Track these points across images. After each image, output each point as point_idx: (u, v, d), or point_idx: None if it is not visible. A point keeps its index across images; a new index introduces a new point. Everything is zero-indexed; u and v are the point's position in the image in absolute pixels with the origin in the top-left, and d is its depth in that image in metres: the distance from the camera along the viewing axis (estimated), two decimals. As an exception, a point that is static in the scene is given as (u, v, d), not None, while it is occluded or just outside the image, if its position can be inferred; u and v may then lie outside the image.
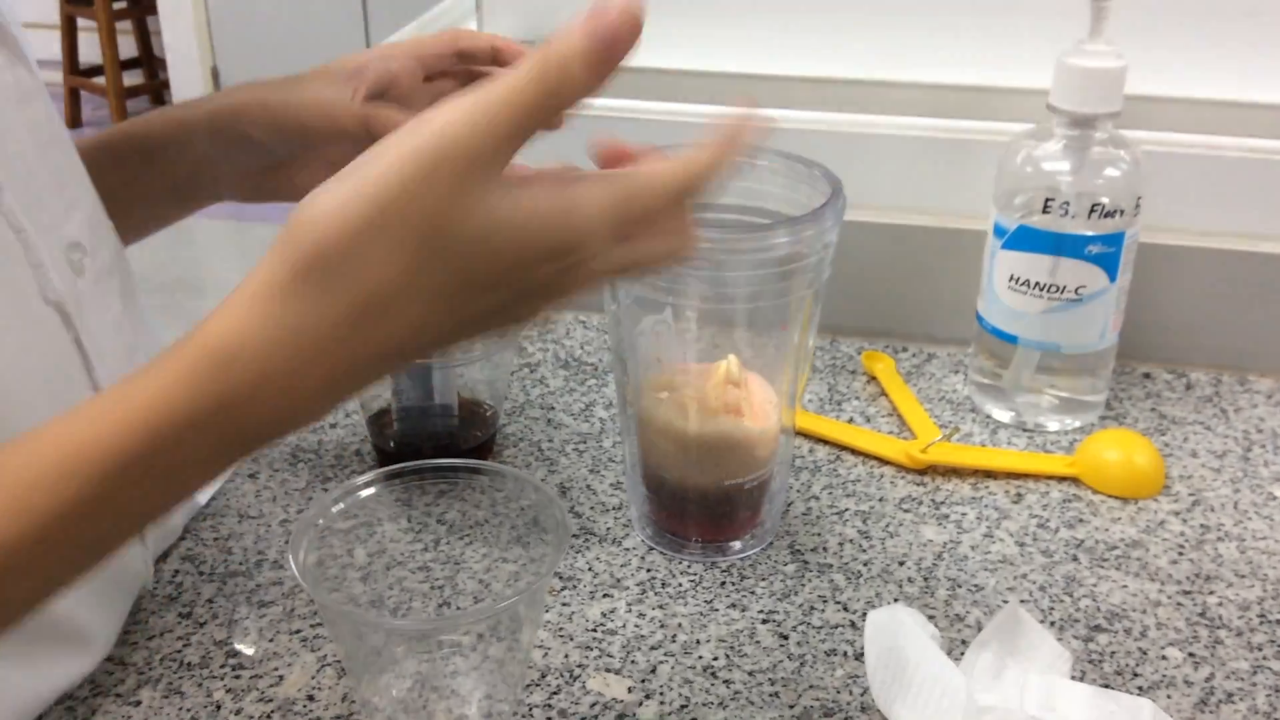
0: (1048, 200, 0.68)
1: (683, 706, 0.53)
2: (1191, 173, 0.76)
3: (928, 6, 0.81)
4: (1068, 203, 0.68)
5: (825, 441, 0.72)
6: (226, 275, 3.31)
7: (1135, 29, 0.69)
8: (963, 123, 0.78)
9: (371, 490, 0.53)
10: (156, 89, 4.23)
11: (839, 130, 0.79)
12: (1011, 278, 0.70)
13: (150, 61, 4.16)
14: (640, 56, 0.91)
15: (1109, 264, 0.69)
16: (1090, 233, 0.68)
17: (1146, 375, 0.79)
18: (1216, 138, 0.75)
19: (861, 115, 0.79)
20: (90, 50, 3.91)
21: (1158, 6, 0.77)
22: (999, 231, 0.71)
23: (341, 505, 0.52)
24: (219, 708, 0.53)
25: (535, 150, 0.41)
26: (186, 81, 3.96)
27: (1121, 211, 0.68)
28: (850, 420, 0.74)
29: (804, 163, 0.60)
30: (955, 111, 0.78)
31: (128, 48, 4.03)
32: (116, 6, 3.92)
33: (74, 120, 4.12)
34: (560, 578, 0.61)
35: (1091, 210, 0.68)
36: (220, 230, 3.65)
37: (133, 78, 4.13)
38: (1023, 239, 0.69)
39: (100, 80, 3.93)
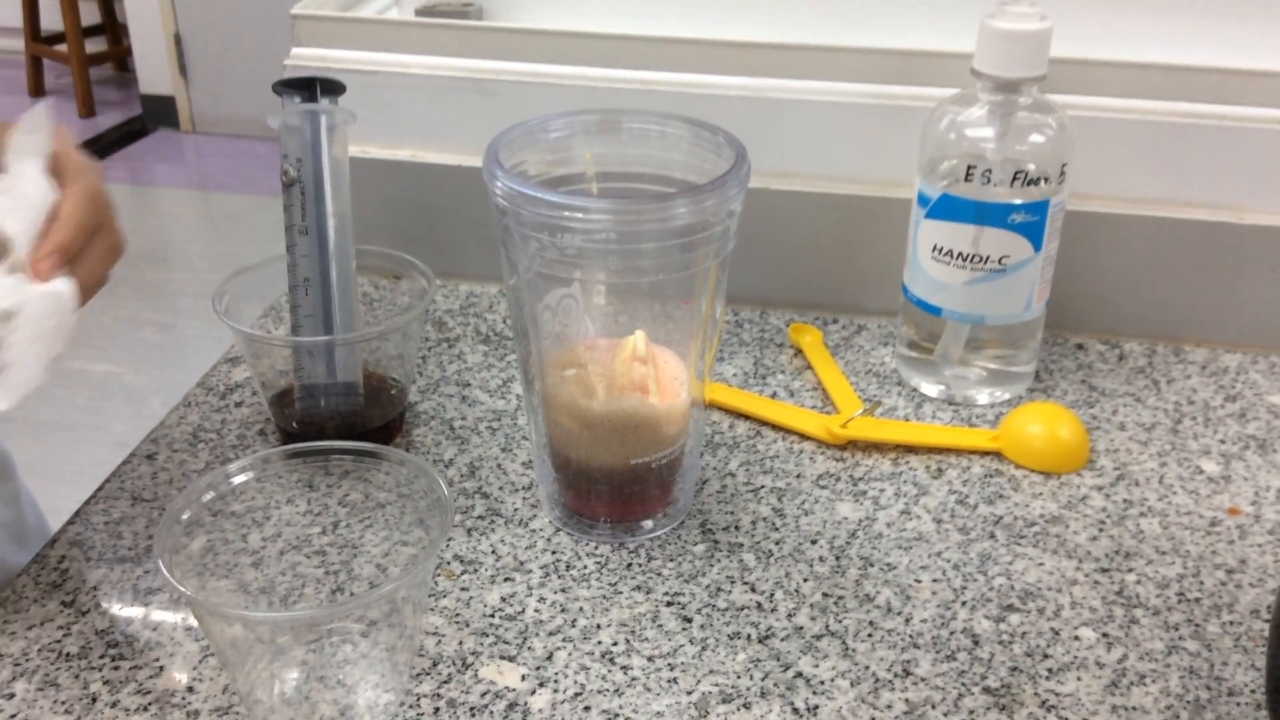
0: (970, 167, 0.66)
1: (576, 695, 0.51)
2: (1120, 138, 0.74)
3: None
4: (991, 170, 0.66)
5: (746, 417, 0.70)
6: (190, 245, 3.27)
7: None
8: (890, 88, 0.76)
9: (244, 477, 0.51)
10: (120, 56, 4.17)
11: (765, 96, 0.77)
12: (935, 248, 0.69)
13: (113, 28, 4.10)
14: (564, 21, 0.89)
15: (1034, 233, 0.67)
16: (1014, 201, 0.66)
17: (1079, 346, 0.78)
18: (1145, 102, 0.73)
19: (788, 80, 0.77)
20: (52, 17, 3.84)
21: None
22: (922, 200, 0.69)
23: (212, 494, 0.50)
24: (94, 700, 0.51)
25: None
26: (149, 49, 3.89)
27: (1046, 179, 0.66)
28: (774, 395, 0.73)
29: (708, 129, 0.58)
30: (883, 77, 0.76)
31: (90, 14, 3.96)
32: (77, -28, 3.86)
33: (37, 89, 4.06)
34: (462, 561, 0.59)
35: (1015, 178, 0.66)
36: (183, 199, 3.61)
37: (95, 45, 4.07)
38: (946, 208, 0.67)
39: (62, 48, 3.87)
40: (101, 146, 3.83)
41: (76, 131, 3.88)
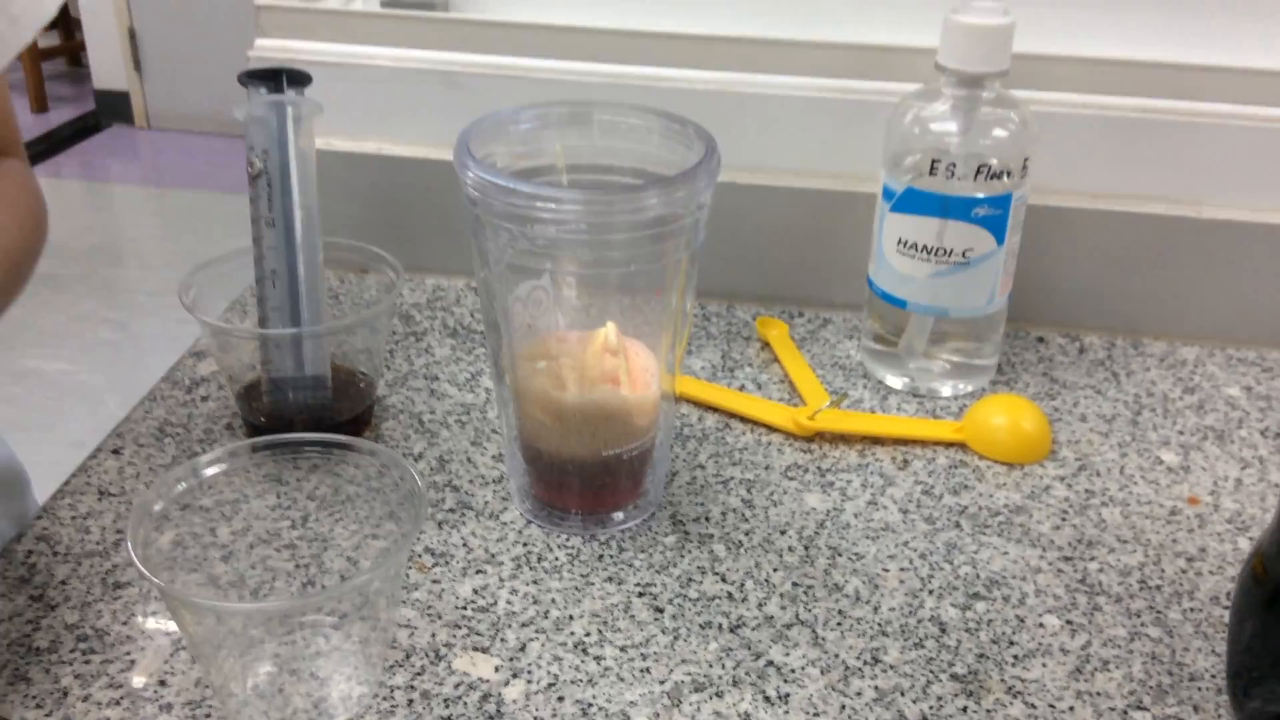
0: (935, 162, 0.67)
1: (550, 685, 0.51)
2: (1081, 133, 0.75)
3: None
4: (955, 164, 0.67)
5: (714, 409, 0.71)
6: (145, 242, 3.23)
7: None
8: (855, 83, 0.76)
9: (215, 469, 0.51)
10: (73, 51, 4.12)
11: (731, 90, 0.77)
12: (900, 241, 0.69)
13: (66, 23, 4.05)
14: (527, 13, 0.88)
15: (996, 226, 0.68)
16: (978, 195, 0.67)
17: (1040, 339, 0.79)
18: (1106, 97, 0.74)
19: (754, 75, 0.77)
20: (2, 10, 3.78)
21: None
22: (887, 194, 0.69)
23: (184, 485, 0.50)
24: (65, 694, 0.50)
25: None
26: (103, 43, 3.85)
27: (1009, 173, 0.67)
28: (742, 387, 0.73)
29: (678, 121, 0.59)
30: (848, 71, 0.76)
31: (41, 8, 3.91)
32: (28, -35, 3.80)
33: (-14, 83, 3.99)
34: (433, 554, 0.59)
35: (979, 172, 0.67)
36: (138, 196, 3.57)
37: (48, 39, 4.02)
38: (910, 202, 0.68)
39: (12, 41, 3.81)
40: (55, 142, 3.78)
41: (29, 128, 3.83)
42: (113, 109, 3.94)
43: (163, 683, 0.51)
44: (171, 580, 0.51)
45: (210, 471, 0.51)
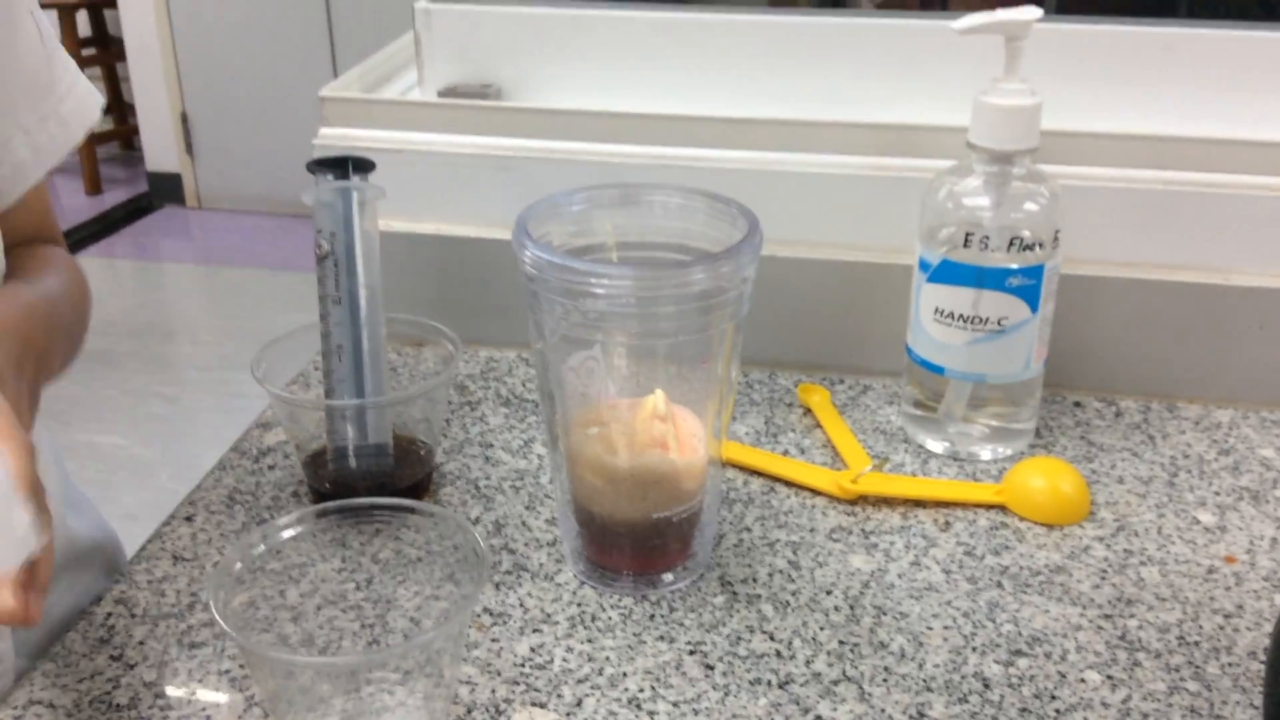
0: (969, 234, 0.70)
1: (606, 738, 0.54)
2: (1109, 205, 0.78)
3: (851, 52, 0.83)
4: (988, 237, 0.69)
5: (759, 473, 0.73)
6: (195, 319, 3.31)
7: (1050, 67, 0.71)
8: (890, 160, 0.80)
9: (293, 531, 0.54)
10: (126, 135, 4.25)
11: (771, 169, 0.81)
12: (937, 310, 0.72)
13: (120, 107, 4.18)
14: (577, 101, 0.93)
15: (1030, 295, 0.70)
16: (1011, 265, 0.69)
17: (1077, 404, 0.81)
18: (1132, 171, 0.77)
19: (793, 154, 0.81)
20: (60, 97, 3.91)
21: (1073, 44, 0.79)
22: (923, 266, 0.72)
23: (263, 547, 0.53)
24: (146, 749, 0.53)
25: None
26: (157, 127, 3.97)
27: (1041, 244, 0.70)
28: (785, 452, 0.75)
29: (723, 200, 0.62)
30: (883, 150, 0.80)
31: (97, 94, 4.04)
32: (85, 53, 3.94)
33: (44, 167, 4.11)
34: (491, 614, 0.62)
35: (1011, 243, 0.69)
36: (189, 274, 3.66)
37: (102, 124, 4.14)
38: (946, 272, 0.71)
39: (70, 127, 3.94)
40: (108, 223, 3.89)
41: (83, 209, 3.94)
42: (165, 190, 4.06)
43: (238, 737, 0.54)
44: (245, 639, 0.54)
45: (287, 534, 0.54)
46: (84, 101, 0.70)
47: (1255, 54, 0.84)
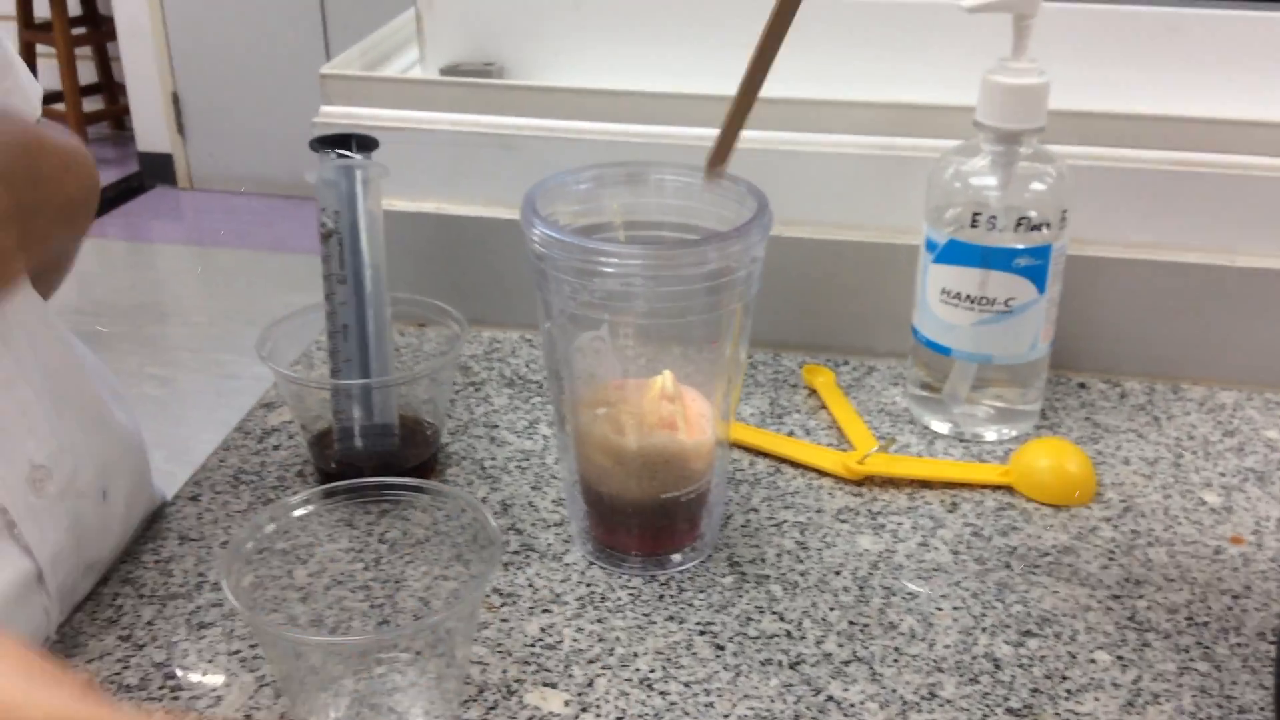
0: (975, 215, 0.70)
1: (619, 718, 0.53)
2: (1116, 185, 0.78)
3: (859, 30, 0.82)
4: (995, 217, 0.69)
5: (765, 454, 0.73)
6: (187, 300, 3.30)
7: (1058, 46, 0.70)
8: (896, 140, 0.79)
9: (304, 510, 0.54)
10: (117, 114, 4.22)
11: (777, 149, 0.80)
12: (943, 291, 0.72)
13: (110, 87, 4.15)
14: (580, 79, 0.92)
15: (1037, 276, 0.70)
16: (1018, 246, 0.69)
17: (1082, 385, 0.81)
18: (1139, 151, 0.77)
19: (800, 134, 0.80)
20: (50, 77, 3.89)
21: (1080, 24, 0.78)
22: (930, 246, 0.72)
23: (273, 526, 0.53)
24: (156, 730, 0.53)
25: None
26: (147, 106, 3.95)
27: (1048, 224, 0.69)
28: (791, 433, 0.75)
29: (730, 179, 0.62)
30: (889, 129, 0.79)
31: (87, 74, 4.02)
32: (76, 33, 3.91)
33: (33, 147, 4.09)
34: (500, 594, 0.61)
35: (1019, 224, 0.69)
36: (180, 255, 3.64)
37: (93, 104, 4.12)
38: (953, 253, 0.71)
39: (60, 106, 3.92)
40: (100, 204, 3.87)
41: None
42: (156, 171, 4.04)
43: (249, 718, 0.54)
44: (252, 620, 0.54)
45: (298, 514, 0.54)
46: (26, 93, 0.68)
47: (1262, 34, 0.84)
